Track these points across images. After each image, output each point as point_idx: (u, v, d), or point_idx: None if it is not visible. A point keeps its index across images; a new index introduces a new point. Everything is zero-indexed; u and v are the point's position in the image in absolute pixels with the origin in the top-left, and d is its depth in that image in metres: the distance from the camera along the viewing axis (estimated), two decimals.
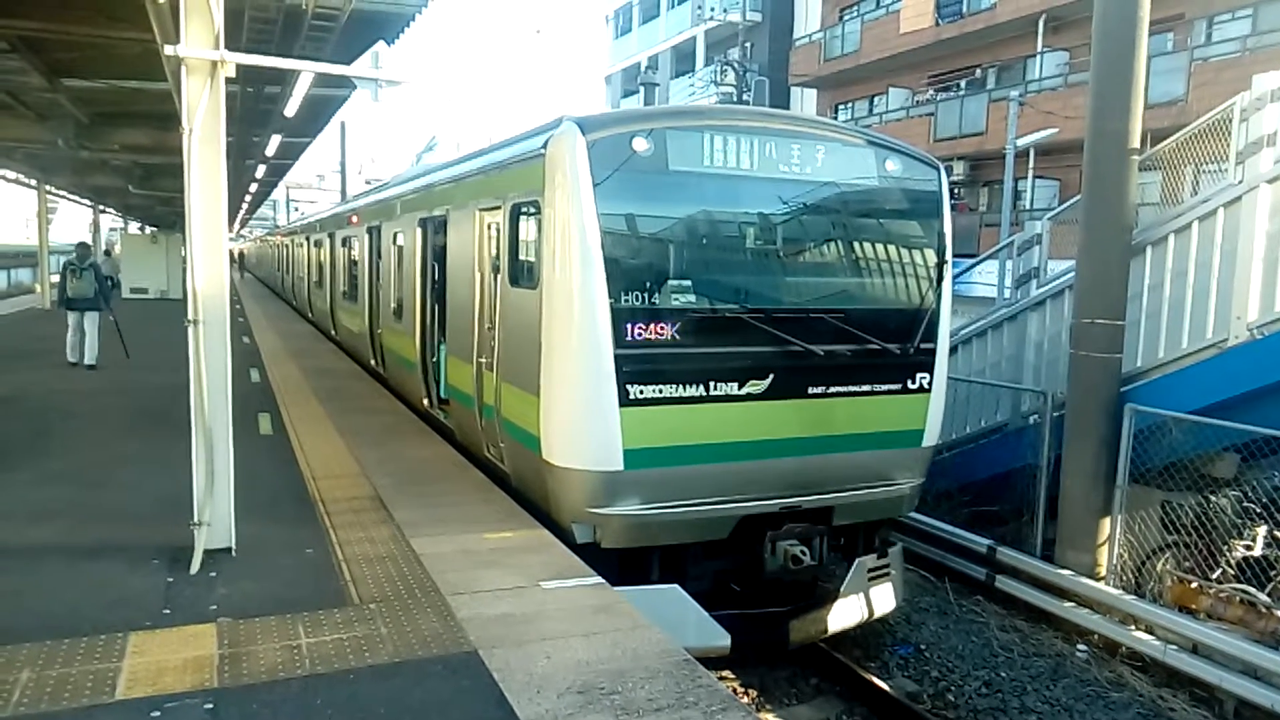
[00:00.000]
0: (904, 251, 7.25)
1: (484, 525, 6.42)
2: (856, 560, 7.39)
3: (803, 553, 6.81)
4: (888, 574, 7.61)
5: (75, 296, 13.62)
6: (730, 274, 6.81)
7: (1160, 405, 8.06)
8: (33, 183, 24.47)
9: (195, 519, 5.49)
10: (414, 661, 4.32)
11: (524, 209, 6.94)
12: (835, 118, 32.11)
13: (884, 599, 7.58)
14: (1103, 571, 8.43)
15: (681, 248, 6.64)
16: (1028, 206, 24.24)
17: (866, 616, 7.47)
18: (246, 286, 41.06)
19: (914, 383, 7.17)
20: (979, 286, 16.57)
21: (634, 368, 6.15)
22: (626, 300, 6.13)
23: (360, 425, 9.72)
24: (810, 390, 6.75)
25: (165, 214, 33.09)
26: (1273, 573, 7.56)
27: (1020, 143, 21.77)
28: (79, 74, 11.57)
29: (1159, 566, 8.29)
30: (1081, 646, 8.12)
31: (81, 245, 14.84)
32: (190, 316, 5.38)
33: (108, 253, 35.02)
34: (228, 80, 5.45)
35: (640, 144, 6.21)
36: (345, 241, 16.16)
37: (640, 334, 6.17)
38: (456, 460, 8.33)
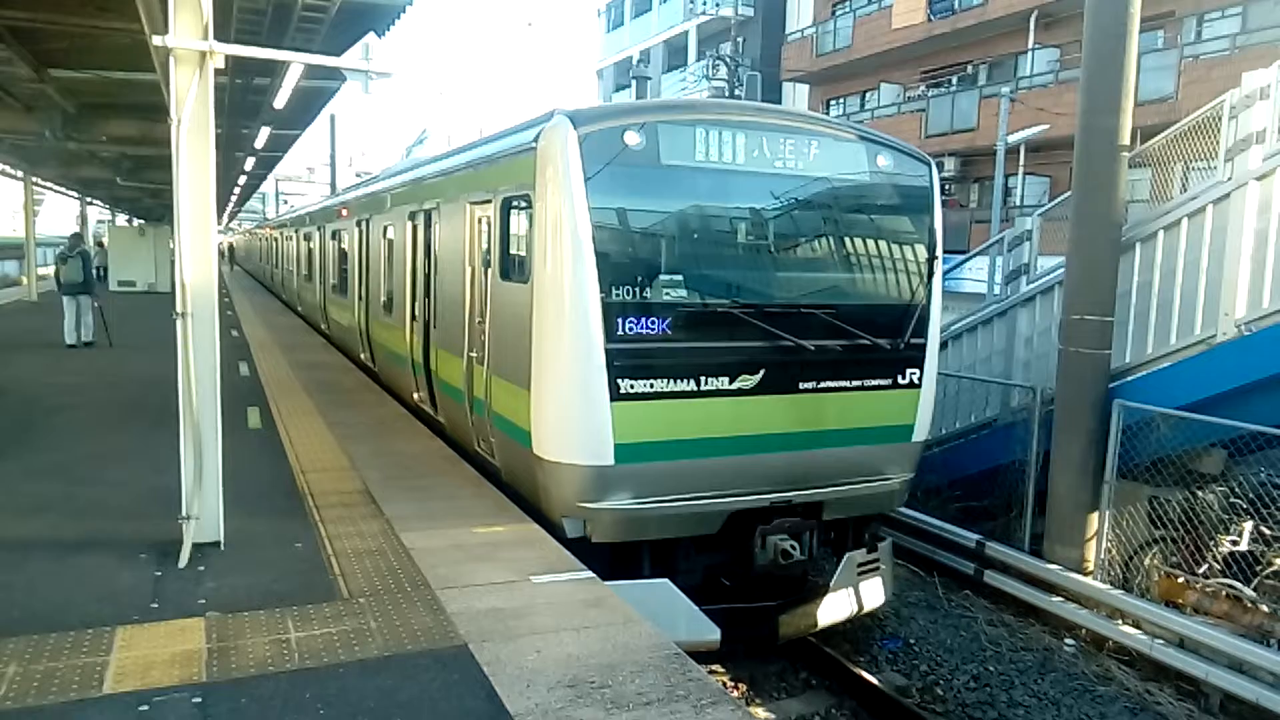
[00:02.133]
0: (895, 247, 7.26)
1: (474, 519, 6.41)
2: (846, 555, 7.41)
3: (793, 547, 6.82)
4: (877, 569, 7.64)
5: (66, 282, 14.98)
6: (722, 269, 6.80)
7: (1149, 401, 8.10)
8: (19, 174, 24.24)
9: (183, 513, 5.46)
10: (404, 656, 4.32)
11: (515, 203, 6.92)
12: (827, 113, 32.14)
13: (873, 593, 7.60)
14: (1090, 566, 8.48)
15: (673, 242, 6.63)
16: (1018, 203, 24.32)
17: (856, 611, 7.50)
18: (236, 279, 40.85)
19: (904, 378, 7.19)
20: (969, 282, 16.60)
21: (625, 362, 6.14)
22: (617, 295, 6.12)
23: (350, 419, 9.69)
24: (801, 385, 6.76)
25: (153, 206, 32.84)
26: (1258, 568, 7.62)
27: (1011, 139, 21.83)
28: (67, 64, 11.46)
29: (1146, 561, 8.34)
30: (1069, 641, 8.18)
31: (74, 235, 16.63)
32: (179, 309, 5.35)
33: (100, 244, 34.84)
34: (216, 71, 5.40)
35: (632, 138, 6.19)
36: (335, 235, 16.10)
37: (631, 328, 6.16)
38: (447, 454, 8.31)
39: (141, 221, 36.66)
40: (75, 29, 9.44)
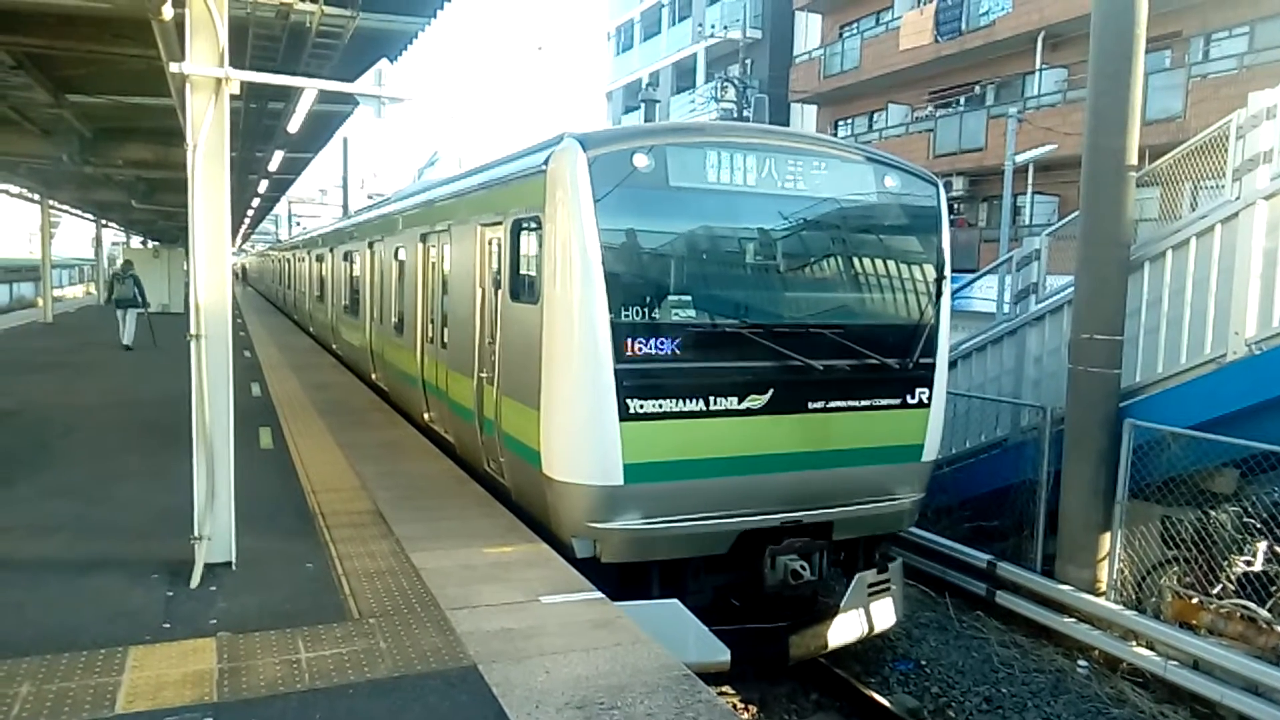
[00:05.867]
0: (903, 267, 7.28)
1: (484, 540, 6.43)
2: (856, 575, 7.38)
3: (803, 568, 6.81)
4: (888, 589, 7.60)
5: (120, 297, 18.59)
6: (730, 289, 6.84)
7: (1159, 420, 8.06)
8: (36, 197, 24.52)
9: (195, 533, 5.49)
10: (413, 676, 4.33)
11: (525, 225, 6.98)
12: (835, 134, 32.27)
13: (884, 614, 7.56)
14: (1103, 587, 8.42)
15: (682, 263, 6.67)
16: (1027, 222, 24.31)
17: (866, 632, 7.46)
18: (248, 300, 41.11)
19: (914, 397, 7.19)
20: (978, 301, 16.61)
21: (634, 382, 6.16)
22: (627, 315, 6.16)
23: (360, 439, 9.73)
24: (810, 405, 6.76)
25: (167, 228, 33.17)
26: (1273, 588, 7.55)
27: (1019, 159, 21.88)
28: (84, 90, 11.63)
29: (1160, 582, 8.28)
30: (1082, 662, 8.10)
31: (126, 262, 20.66)
32: (192, 331, 5.41)
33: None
34: (231, 96, 5.49)
35: (641, 160, 6.25)
36: (346, 256, 16.23)
37: (640, 349, 6.19)
38: (457, 475, 8.33)
39: (156, 243, 36.98)
40: (93, 55, 9.59)
